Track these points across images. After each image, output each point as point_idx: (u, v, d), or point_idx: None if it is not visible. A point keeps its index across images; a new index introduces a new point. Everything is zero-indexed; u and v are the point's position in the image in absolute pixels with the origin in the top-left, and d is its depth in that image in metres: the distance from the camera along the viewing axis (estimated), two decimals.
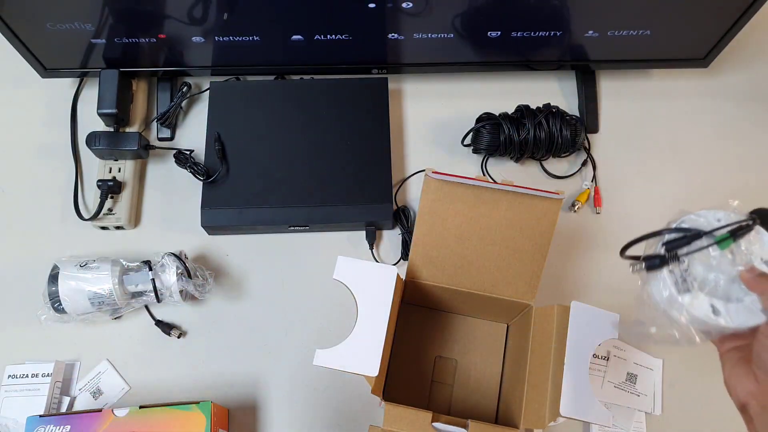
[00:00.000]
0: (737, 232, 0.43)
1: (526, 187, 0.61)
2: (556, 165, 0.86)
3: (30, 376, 0.73)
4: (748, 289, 0.43)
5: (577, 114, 0.89)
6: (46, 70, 0.83)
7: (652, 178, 0.85)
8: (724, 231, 0.44)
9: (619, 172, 0.85)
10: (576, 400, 0.55)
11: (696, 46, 0.83)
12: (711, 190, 0.85)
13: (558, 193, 0.61)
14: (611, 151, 0.87)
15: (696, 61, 0.86)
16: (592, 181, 0.84)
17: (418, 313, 0.76)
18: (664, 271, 0.45)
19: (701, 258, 0.45)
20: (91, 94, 0.88)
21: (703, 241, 0.44)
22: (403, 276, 0.67)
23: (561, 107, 0.83)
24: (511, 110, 0.84)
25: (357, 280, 0.60)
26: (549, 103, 0.83)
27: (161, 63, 0.83)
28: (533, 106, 0.83)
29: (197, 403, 0.66)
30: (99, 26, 0.75)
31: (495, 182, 0.62)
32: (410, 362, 0.74)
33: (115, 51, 0.80)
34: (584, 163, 0.86)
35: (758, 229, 0.45)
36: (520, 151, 0.82)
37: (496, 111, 0.84)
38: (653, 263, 0.45)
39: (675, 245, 0.45)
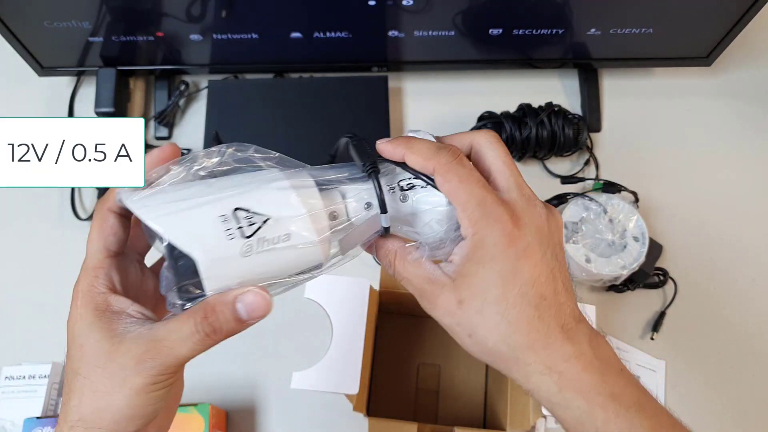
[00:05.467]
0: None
1: None
2: (558, 164, 0.85)
3: (27, 377, 0.73)
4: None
5: (580, 113, 0.88)
6: (43, 68, 0.82)
7: (655, 177, 0.85)
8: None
9: (622, 171, 0.84)
10: None
11: (699, 44, 0.82)
12: (714, 189, 0.84)
13: None
14: (614, 150, 0.86)
15: (699, 60, 0.85)
16: (595, 180, 0.84)
17: (396, 321, 0.74)
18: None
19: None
20: (88, 93, 0.87)
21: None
22: (377, 286, 0.66)
23: (563, 106, 0.83)
24: (512, 109, 0.83)
25: (329, 296, 0.58)
26: (551, 102, 0.82)
27: (159, 61, 0.83)
28: (535, 105, 0.82)
29: (195, 405, 0.66)
30: (96, 24, 0.75)
31: None
32: (393, 372, 0.73)
33: (113, 49, 0.79)
34: (587, 162, 0.85)
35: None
36: (522, 150, 0.81)
37: (498, 110, 0.83)
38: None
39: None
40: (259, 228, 0.33)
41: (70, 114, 0.87)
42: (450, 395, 0.72)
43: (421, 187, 0.37)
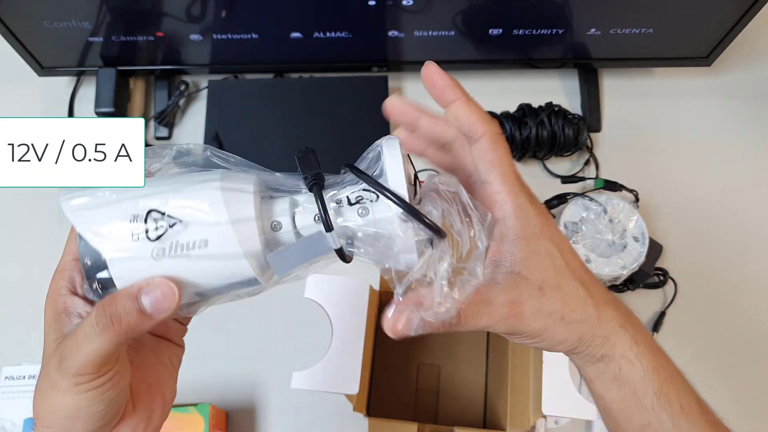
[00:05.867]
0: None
1: None
2: (558, 164, 0.85)
3: (27, 377, 0.73)
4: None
5: (580, 113, 0.88)
6: (43, 68, 0.82)
7: (655, 177, 0.85)
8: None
9: (622, 170, 0.84)
10: (558, 397, 0.54)
11: (698, 44, 0.82)
12: (714, 189, 0.84)
13: None
14: (614, 150, 0.86)
15: (699, 60, 0.85)
16: (595, 178, 0.84)
17: None
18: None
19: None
20: (88, 93, 0.87)
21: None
22: (377, 286, 0.66)
23: (563, 106, 0.83)
24: (512, 109, 0.83)
25: (329, 296, 0.59)
26: (551, 102, 0.82)
27: (159, 61, 0.83)
28: (535, 105, 0.82)
29: (195, 405, 0.66)
30: (96, 24, 0.75)
31: None
32: (393, 372, 0.73)
33: (113, 49, 0.79)
34: (587, 162, 0.85)
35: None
36: (522, 150, 0.81)
37: (498, 110, 0.83)
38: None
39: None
40: (165, 232, 0.31)
41: (70, 114, 0.87)
42: (450, 395, 0.72)
43: (370, 201, 0.32)
